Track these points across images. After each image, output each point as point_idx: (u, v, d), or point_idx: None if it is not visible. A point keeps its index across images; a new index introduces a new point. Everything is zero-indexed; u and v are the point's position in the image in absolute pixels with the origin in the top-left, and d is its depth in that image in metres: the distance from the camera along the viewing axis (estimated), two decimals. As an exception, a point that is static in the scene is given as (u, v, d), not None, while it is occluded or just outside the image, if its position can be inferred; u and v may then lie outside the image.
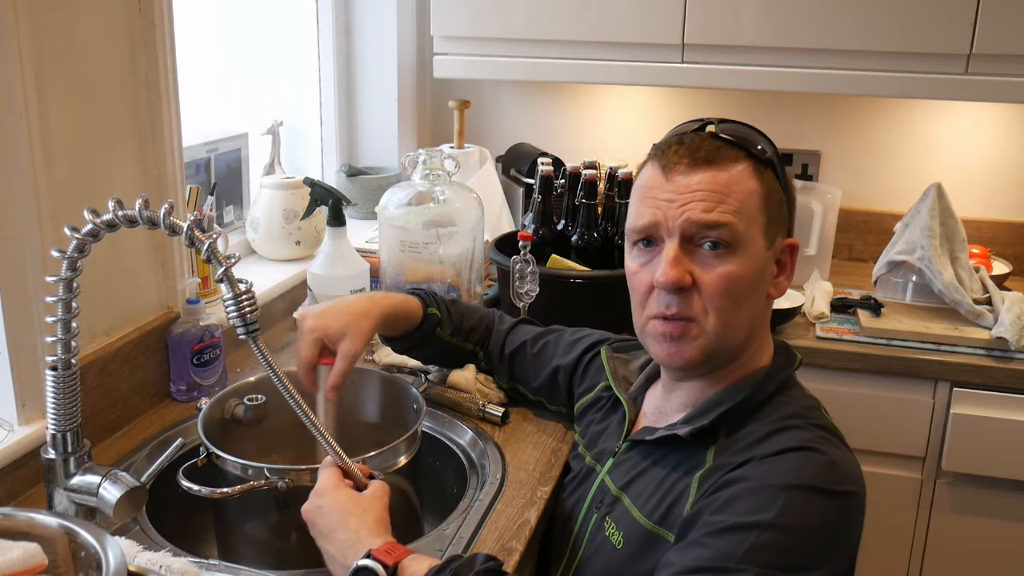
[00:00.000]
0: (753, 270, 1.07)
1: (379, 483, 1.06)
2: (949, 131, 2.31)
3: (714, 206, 1.05)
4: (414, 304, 1.43)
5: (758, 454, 1.02)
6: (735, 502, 0.97)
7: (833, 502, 0.98)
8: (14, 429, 1.25)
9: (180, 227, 0.97)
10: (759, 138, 1.11)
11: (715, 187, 1.05)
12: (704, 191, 1.05)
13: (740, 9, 2.02)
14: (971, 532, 1.91)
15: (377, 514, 1.02)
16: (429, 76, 2.41)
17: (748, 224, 1.06)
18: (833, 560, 0.97)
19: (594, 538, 1.17)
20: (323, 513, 1.02)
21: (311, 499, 1.04)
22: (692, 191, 1.05)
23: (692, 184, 1.06)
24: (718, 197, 1.05)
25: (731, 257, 1.05)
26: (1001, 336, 1.81)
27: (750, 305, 1.09)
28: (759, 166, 1.08)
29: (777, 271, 1.12)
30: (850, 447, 1.07)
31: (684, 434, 1.08)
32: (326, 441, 1.04)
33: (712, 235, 1.05)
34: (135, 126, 1.44)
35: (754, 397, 1.09)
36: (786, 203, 1.11)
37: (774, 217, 1.09)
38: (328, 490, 1.03)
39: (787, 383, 1.12)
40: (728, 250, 1.05)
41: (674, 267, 1.05)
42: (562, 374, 1.42)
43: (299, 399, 1.01)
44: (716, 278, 1.05)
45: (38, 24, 1.23)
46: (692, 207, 1.05)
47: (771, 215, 1.08)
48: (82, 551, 0.95)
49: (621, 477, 1.17)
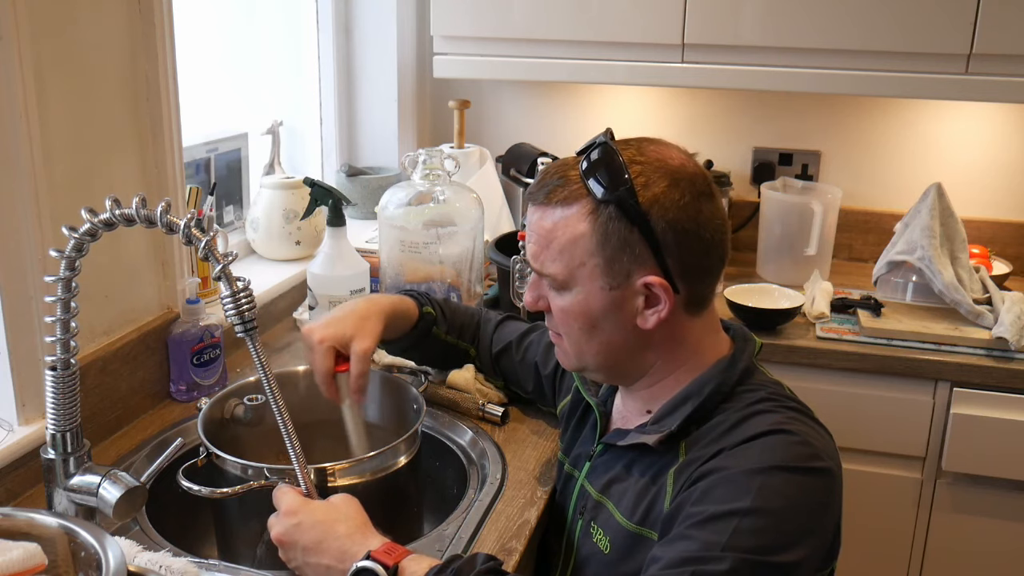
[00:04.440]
0: (592, 308, 1.08)
1: (342, 493, 1.07)
2: (949, 131, 2.31)
3: (540, 251, 1.09)
4: (409, 304, 1.44)
5: (729, 443, 1.02)
6: (713, 492, 0.98)
7: (809, 479, 0.99)
8: (14, 429, 1.25)
9: (177, 225, 0.96)
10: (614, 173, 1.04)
11: (541, 232, 1.09)
12: (535, 233, 1.10)
13: (740, 9, 2.01)
14: (971, 532, 1.91)
15: (360, 518, 1.03)
16: (429, 76, 2.41)
17: (575, 268, 1.07)
18: (817, 534, 0.98)
19: (583, 545, 1.17)
20: (303, 529, 1.02)
21: (281, 521, 1.04)
22: (531, 230, 1.11)
23: (532, 223, 1.10)
24: (543, 242, 1.09)
25: (565, 293, 1.10)
26: (1001, 336, 1.81)
27: (604, 335, 1.10)
28: (597, 206, 1.04)
29: (645, 304, 1.07)
30: (821, 422, 1.08)
31: (653, 443, 1.08)
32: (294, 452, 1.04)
33: (543, 275, 1.11)
34: (135, 126, 1.44)
35: (719, 391, 1.08)
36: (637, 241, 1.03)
37: (616, 256, 1.04)
38: (299, 507, 1.04)
39: (750, 371, 1.12)
40: (561, 288, 1.10)
41: (529, 292, 1.15)
42: (546, 381, 1.44)
43: (281, 403, 1.03)
44: (555, 309, 1.12)
45: (38, 24, 1.23)
46: (529, 247, 1.12)
47: (610, 256, 1.05)
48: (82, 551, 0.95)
49: (599, 480, 1.17)
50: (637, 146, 1.08)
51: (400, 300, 1.43)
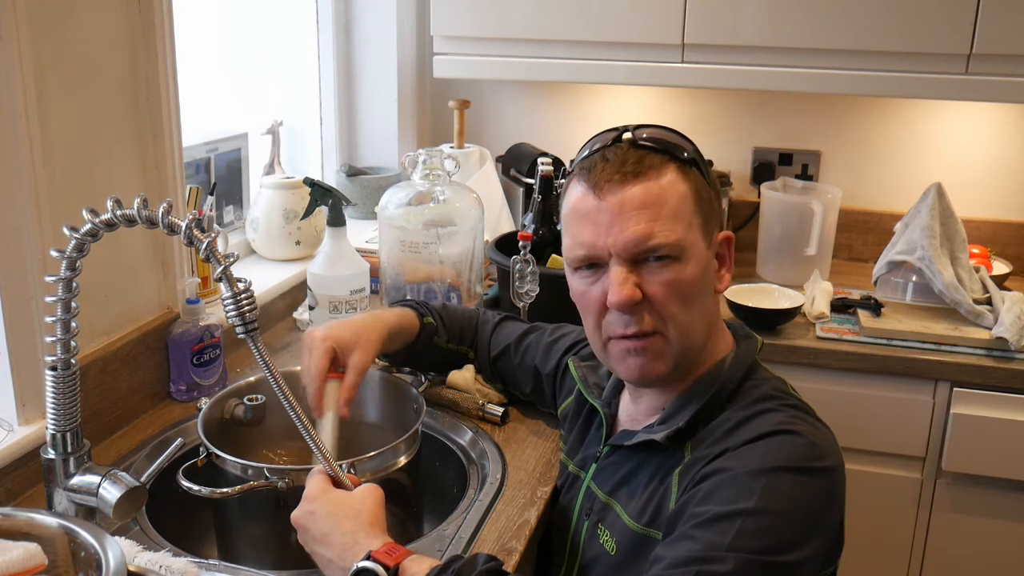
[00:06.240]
0: (698, 271, 1.08)
1: (369, 484, 1.06)
2: (949, 131, 2.31)
3: (652, 222, 1.04)
4: (411, 317, 1.44)
5: (733, 443, 1.02)
6: (717, 492, 0.98)
7: (812, 479, 0.99)
8: (14, 429, 1.25)
9: (178, 226, 0.96)
10: (678, 138, 1.10)
11: (648, 201, 1.05)
12: (639, 208, 1.04)
13: (740, 9, 2.01)
14: (971, 532, 1.91)
15: (372, 515, 1.02)
16: (429, 76, 2.41)
17: (687, 230, 1.06)
18: (820, 534, 0.98)
19: (589, 546, 1.17)
20: (316, 518, 1.02)
21: (301, 505, 1.04)
22: (628, 209, 1.05)
23: (626, 201, 1.05)
24: (653, 212, 1.04)
25: (676, 264, 1.06)
26: (1001, 336, 1.81)
27: (700, 304, 1.09)
28: (684, 167, 1.07)
29: (718, 265, 1.13)
30: (823, 421, 1.08)
31: (660, 439, 1.09)
32: (316, 445, 1.04)
33: (656, 251, 1.05)
34: (135, 126, 1.44)
35: (724, 389, 1.09)
36: (714, 198, 1.11)
37: (708, 215, 1.09)
38: (318, 495, 1.03)
39: (753, 368, 1.13)
40: (676, 258, 1.06)
41: (624, 285, 1.04)
42: (546, 382, 1.43)
43: (293, 401, 1.02)
44: (663, 287, 1.05)
45: (38, 24, 1.23)
46: (631, 227, 1.04)
47: (705, 213, 1.08)
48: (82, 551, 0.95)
49: (606, 482, 1.17)
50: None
51: (402, 315, 1.43)
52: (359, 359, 1.26)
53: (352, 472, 1.10)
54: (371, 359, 1.29)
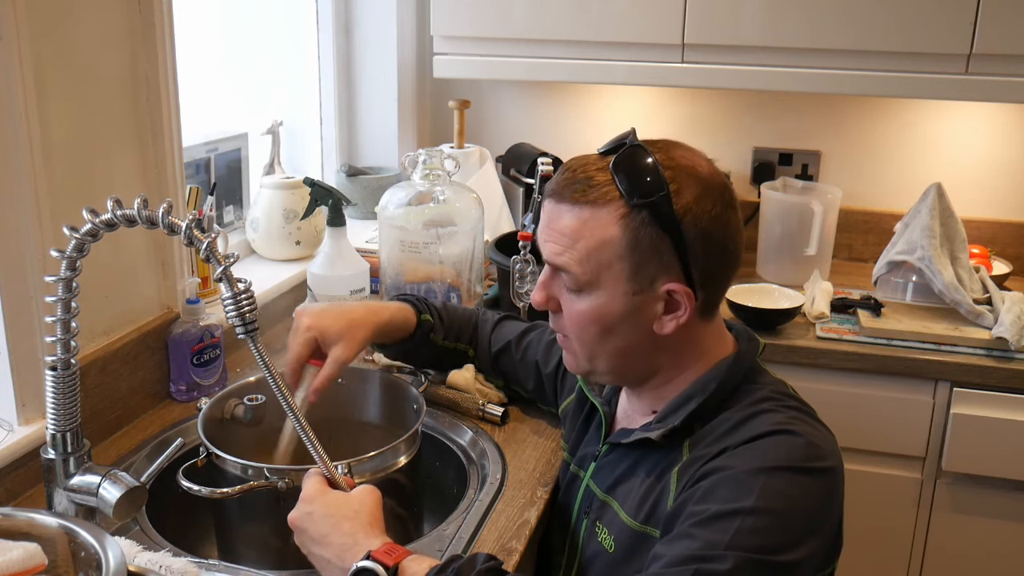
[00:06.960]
0: (611, 312, 1.06)
1: (367, 485, 1.06)
2: (949, 131, 2.31)
3: (562, 251, 1.06)
4: (408, 312, 1.44)
5: (732, 442, 1.02)
6: (716, 491, 0.98)
7: (812, 479, 0.99)
8: (14, 429, 1.25)
9: (179, 226, 0.96)
10: (652, 178, 1.02)
11: (567, 231, 1.05)
12: (556, 231, 1.06)
13: (740, 9, 2.01)
14: (971, 532, 1.91)
15: (370, 515, 1.02)
16: (429, 76, 2.41)
17: (599, 271, 1.05)
18: (819, 534, 0.98)
19: (588, 544, 1.17)
20: (313, 519, 1.02)
21: (298, 507, 1.04)
22: (552, 228, 1.07)
23: (554, 220, 1.07)
24: (568, 242, 1.05)
25: (584, 296, 1.07)
26: (1001, 336, 1.81)
27: (619, 339, 1.09)
28: (631, 211, 1.02)
29: (664, 310, 1.06)
30: (823, 422, 1.08)
31: (656, 437, 1.09)
32: (313, 447, 1.04)
33: (564, 271, 1.07)
34: (135, 126, 1.44)
35: (722, 388, 1.09)
36: (666, 248, 1.03)
37: (642, 263, 1.03)
38: (316, 496, 1.03)
39: (753, 370, 1.12)
40: (581, 290, 1.07)
41: (539, 291, 1.12)
42: (547, 381, 1.43)
43: (292, 402, 1.02)
44: (570, 311, 1.10)
45: (38, 24, 1.23)
46: (549, 245, 1.08)
47: (638, 261, 1.03)
48: (82, 551, 0.95)
49: (605, 480, 1.17)
50: (665, 150, 1.06)
51: (400, 309, 1.43)
52: (340, 353, 1.26)
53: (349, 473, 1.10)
54: (354, 355, 1.29)
